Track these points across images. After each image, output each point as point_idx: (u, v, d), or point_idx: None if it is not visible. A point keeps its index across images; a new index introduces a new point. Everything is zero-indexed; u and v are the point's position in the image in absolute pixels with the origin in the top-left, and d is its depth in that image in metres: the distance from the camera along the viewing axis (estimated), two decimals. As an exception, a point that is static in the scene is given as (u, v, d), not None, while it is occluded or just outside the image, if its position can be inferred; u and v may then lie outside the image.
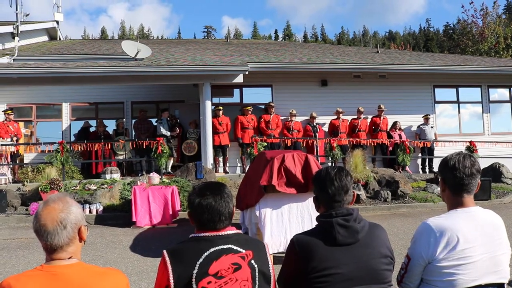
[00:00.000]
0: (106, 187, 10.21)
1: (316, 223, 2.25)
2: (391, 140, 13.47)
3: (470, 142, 13.48)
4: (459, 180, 2.23)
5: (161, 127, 12.58)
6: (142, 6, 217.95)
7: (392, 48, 38.85)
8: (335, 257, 2.09)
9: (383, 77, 14.33)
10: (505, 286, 2.23)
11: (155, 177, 9.77)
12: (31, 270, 1.78)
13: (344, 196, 2.20)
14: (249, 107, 12.94)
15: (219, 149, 12.56)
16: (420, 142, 13.53)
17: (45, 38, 19.34)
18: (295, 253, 2.15)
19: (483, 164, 12.01)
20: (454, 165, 2.24)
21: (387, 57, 15.97)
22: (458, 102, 15.19)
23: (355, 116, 13.69)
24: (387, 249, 2.21)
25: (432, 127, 14.14)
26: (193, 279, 1.94)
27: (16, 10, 15.50)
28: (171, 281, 1.95)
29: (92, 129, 13.69)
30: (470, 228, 2.16)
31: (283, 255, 2.37)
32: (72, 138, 13.87)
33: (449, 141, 13.57)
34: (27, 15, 17.24)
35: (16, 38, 14.97)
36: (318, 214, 2.30)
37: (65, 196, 1.86)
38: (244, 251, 2.04)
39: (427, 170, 13.88)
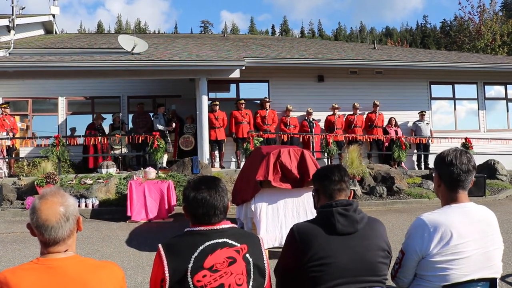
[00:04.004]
0: (102, 182, 10.18)
1: (312, 217, 2.30)
2: (387, 136, 13.50)
3: (466, 138, 13.51)
4: (456, 176, 2.24)
5: (157, 122, 12.55)
6: (140, 0, 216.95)
7: (389, 45, 38.78)
8: (332, 246, 2.13)
9: (379, 73, 14.34)
10: (498, 281, 2.25)
11: (151, 172, 9.76)
12: (27, 263, 1.79)
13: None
14: (241, 101, 12.91)
15: (215, 144, 12.54)
16: (415, 139, 13.56)
17: (41, 31, 19.23)
18: (295, 241, 2.19)
19: (479, 160, 12.01)
20: (451, 161, 2.25)
21: (383, 53, 15.97)
22: (454, 98, 15.23)
23: (351, 112, 13.71)
24: (384, 243, 2.25)
25: (427, 123, 14.18)
26: (188, 273, 1.95)
27: (12, 3, 15.37)
28: (167, 274, 1.96)
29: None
30: (464, 223, 2.18)
31: (279, 250, 2.40)
32: (68, 132, 13.81)
33: (445, 138, 13.60)
34: (23, 8, 17.13)
35: (12, 32, 14.82)
36: (314, 209, 2.37)
37: (59, 190, 1.87)
38: (239, 245, 2.05)
39: (422, 166, 13.92)
